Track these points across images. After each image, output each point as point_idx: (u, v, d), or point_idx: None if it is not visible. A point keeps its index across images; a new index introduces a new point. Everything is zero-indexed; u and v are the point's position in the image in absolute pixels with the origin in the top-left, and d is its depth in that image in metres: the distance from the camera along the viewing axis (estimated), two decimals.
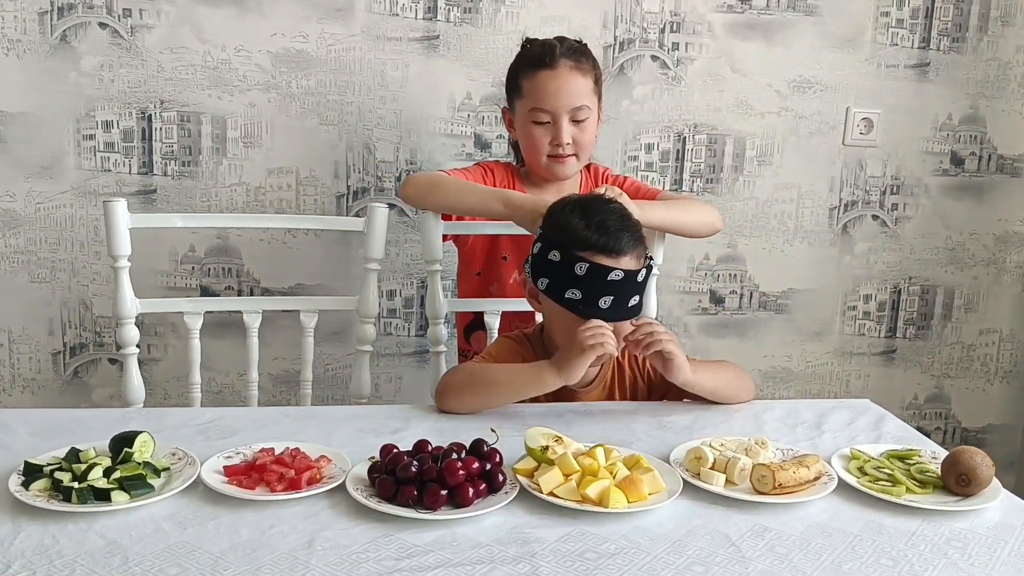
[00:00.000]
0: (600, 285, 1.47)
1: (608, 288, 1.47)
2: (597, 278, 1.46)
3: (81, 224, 2.31)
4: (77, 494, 1.11)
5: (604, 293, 1.47)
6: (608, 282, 1.47)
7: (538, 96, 1.92)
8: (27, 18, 2.20)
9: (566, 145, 1.93)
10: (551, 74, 1.90)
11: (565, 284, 1.48)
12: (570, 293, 1.48)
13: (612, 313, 1.48)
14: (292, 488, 1.17)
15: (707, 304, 2.67)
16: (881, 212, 2.71)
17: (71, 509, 1.10)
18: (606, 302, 1.47)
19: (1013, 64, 2.65)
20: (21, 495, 1.12)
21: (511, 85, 1.99)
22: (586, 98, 1.93)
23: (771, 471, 1.21)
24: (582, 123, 1.93)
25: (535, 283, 1.54)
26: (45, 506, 1.10)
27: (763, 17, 2.52)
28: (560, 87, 1.90)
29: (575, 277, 1.47)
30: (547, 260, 1.51)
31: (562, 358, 1.48)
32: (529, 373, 1.50)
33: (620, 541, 1.10)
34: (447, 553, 1.05)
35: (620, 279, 1.47)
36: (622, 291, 1.48)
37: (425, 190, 1.86)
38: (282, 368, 2.46)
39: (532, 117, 1.93)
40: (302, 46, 2.32)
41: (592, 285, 1.47)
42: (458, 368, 1.60)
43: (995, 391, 2.89)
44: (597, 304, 1.47)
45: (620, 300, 1.48)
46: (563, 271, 1.48)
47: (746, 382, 1.64)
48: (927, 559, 1.09)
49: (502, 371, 1.54)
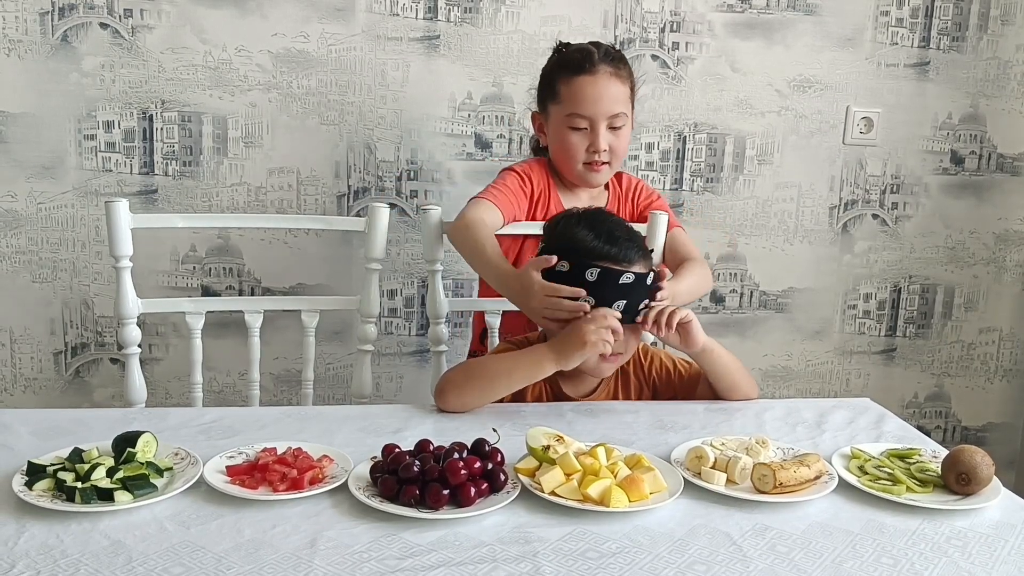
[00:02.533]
0: (612, 290, 1.48)
1: (620, 292, 1.49)
2: (609, 283, 1.48)
3: (82, 224, 2.31)
4: (80, 494, 1.12)
5: (616, 297, 1.49)
6: (620, 286, 1.48)
7: (576, 101, 1.87)
8: (28, 18, 2.20)
9: (603, 152, 1.89)
10: (590, 79, 1.87)
11: None
12: (584, 301, 1.49)
13: (624, 318, 1.50)
14: (294, 488, 1.17)
15: (707, 303, 2.67)
16: (881, 211, 2.71)
17: (75, 509, 1.10)
18: (619, 306, 1.49)
19: (1013, 63, 2.65)
20: (25, 495, 1.12)
21: (546, 89, 1.95)
22: (623, 105, 1.90)
23: (772, 470, 1.21)
24: (618, 130, 1.90)
25: None
26: (49, 506, 1.10)
27: (763, 16, 2.52)
28: (599, 93, 1.86)
29: (587, 283, 1.48)
30: (556, 272, 1.52)
31: (561, 346, 1.48)
32: (526, 359, 1.50)
33: (622, 540, 1.10)
34: (449, 552, 1.05)
35: (631, 282, 1.49)
36: (633, 295, 1.50)
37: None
38: (283, 368, 2.46)
39: (569, 123, 1.89)
40: (303, 46, 2.32)
41: (604, 291, 1.48)
42: (455, 367, 1.60)
43: (995, 390, 2.90)
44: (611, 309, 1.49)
45: (631, 304, 1.50)
46: (574, 280, 1.50)
47: (751, 378, 1.65)
48: (928, 558, 1.09)
49: (499, 361, 1.54)
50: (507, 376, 1.49)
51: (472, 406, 1.50)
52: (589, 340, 1.44)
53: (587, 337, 1.44)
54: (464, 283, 2.52)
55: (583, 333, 1.45)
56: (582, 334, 1.45)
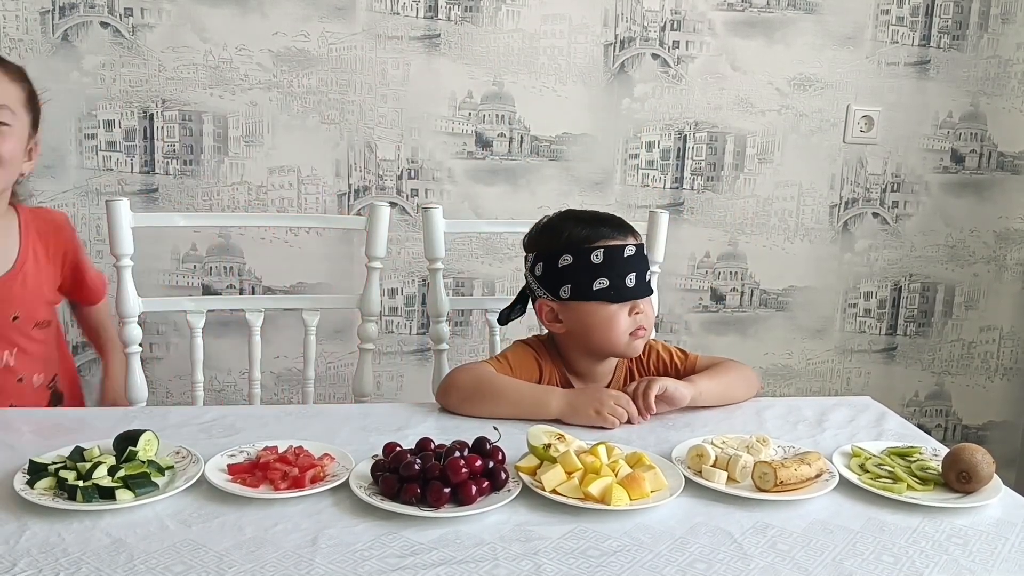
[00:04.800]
0: (620, 265, 1.53)
1: (627, 266, 1.53)
2: (615, 259, 1.52)
3: (83, 223, 2.31)
4: (82, 492, 1.12)
5: (626, 271, 1.53)
6: (626, 259, 1.53)
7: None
8: (29, 17, 2.20)
9: None
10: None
11: (589, 279, 1.52)
12: (597, 284, 1.52)
13: (639, 290, 1.54)
14: (296, 486, 1.17)
15: (708, 302, 2.68)
16: (881, 210, 2.71)
17: (76, 508, 1.10)
18: (631, 280, 1.53)
19: (1013, 61, 2.65)
20: (27, 494, 1.12)
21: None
22: None
23: (773, 468, 1.21)
24: None
25: (555, 299, 1.56)
26: (50, 504, 1.10)
27: (763, 15, 2.52)
28: None
29: (595, 267, 1.52)
30: (560, 268, 1.54)
31: (576, 401, 1.47)
32: (536, 397, 1.49)
33: (622, 538, 1.10)
34: (450, 550, 1.05)
35: (634, 254, 1.54)
36: (638, 266, 1.55)
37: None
38: (284, 366, 2.46)
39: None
40: (303, 45, 2.32)
41: (613, 268, 1.52)
42: (466, 368, 1.57)
43: (996, 388, 2.90)
44: (625, 284, 1.52)
45: (640, 276, 1.54)
46: (581, 268, 1.52)
47: (749, 379, 1.63)
48: (928, 556, 1.09)
49: (508, 385, 1.52)
50: (513, 405, 1.48)
51: (471, 414, 1.50)
52: (603, 410, 1.45)
53: (603, 408, 1.45)
54: (465, 281, 2.53)
55: (602, 402, 1.46)
56: (600, 402, 1.46)
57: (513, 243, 2.52)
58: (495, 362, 1.59)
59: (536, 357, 1.61)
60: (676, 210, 2.58)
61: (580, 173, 2.53)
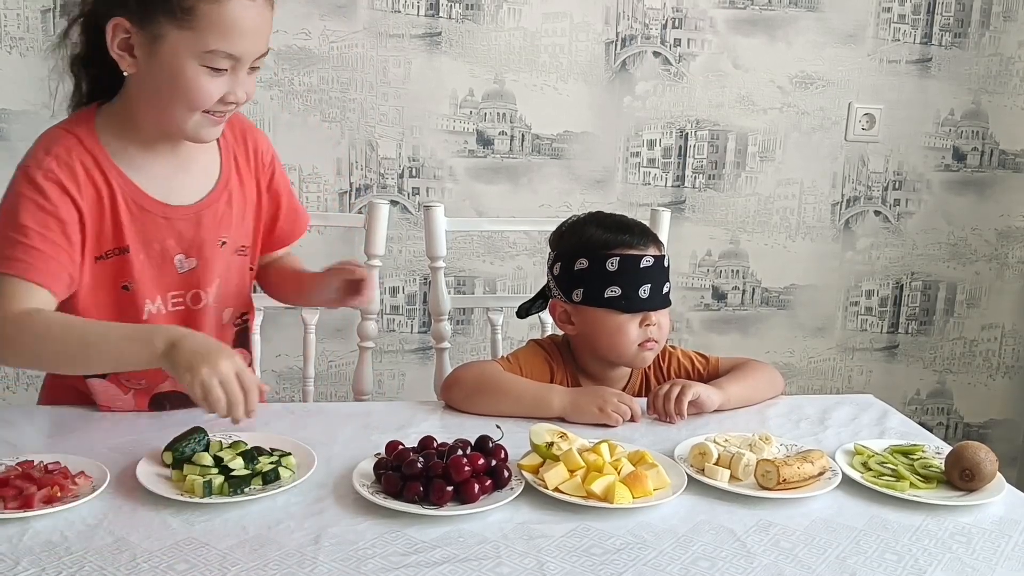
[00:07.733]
0: (635, 275, 1.51)
1: (643, 276, 1.51)
2: (631, 269, 1.51)
3: None
4: (229, 483, 1.14)
5: (641, 282, 1.51)
6: (642, 270, 1.51)
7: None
8: (30, 16, 2.20)
9: None
10: None
11: (602, 286, 1.51)
12: (609, 292, 1.50)
13: (653, 302, 1.52)
14: (25, 507, 1.08)
15: (709, 300, 2.67)
16: (883, 208, 2.71)
17: (219, 501, 1.12)
18: (645, 291, 1.51)
19: (1015, 59, 2.65)
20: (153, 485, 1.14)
21: None
22: None
23: (775, 466, 1.21)
24: None
25: (567, 301, 1.56)
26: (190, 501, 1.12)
27: (765, 13, 2.52)
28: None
29: (609, 275, 1.50)
30: (575, 271, 1.53)
31: (580, 399, 1.46)
32: (537, 394, 1.49)
33: (625, 536, 1.10)
34: (453, 549, 1.05)
35: (651, 265, 1.52)
36: (656, 278, 1.52)
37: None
38: (285, 365, 2.46)
39: None
40: (304, 43, 2.32)
41: (627, 277, 1.50)
42: (472, 365, 1.58)
43: (997, 386, 2.90)
44: (638, 295, 1.51)
45: (656, 288, 1.52)
46: (596, 275, 1.51)
47: (774, 380, 1.63)
48: (931, 554, 1.09)
49: (512, 383, 1.51)
50: (515, 401, 1.48)
51: (474, 412, 1.50)
52: (607, 408, 1.44)
53: (606, 405, 1.44)
54: (466, 280, 2.53)
55: (605, 400, 1.45)
56: (603, 400, 1.45)
57: (515, 241, 2.52)
58: (504, 362, 1.58)
59: (547, 359, 1.61)
60: (677, 208, 2.58)
61: (581, 171, 2.52)
